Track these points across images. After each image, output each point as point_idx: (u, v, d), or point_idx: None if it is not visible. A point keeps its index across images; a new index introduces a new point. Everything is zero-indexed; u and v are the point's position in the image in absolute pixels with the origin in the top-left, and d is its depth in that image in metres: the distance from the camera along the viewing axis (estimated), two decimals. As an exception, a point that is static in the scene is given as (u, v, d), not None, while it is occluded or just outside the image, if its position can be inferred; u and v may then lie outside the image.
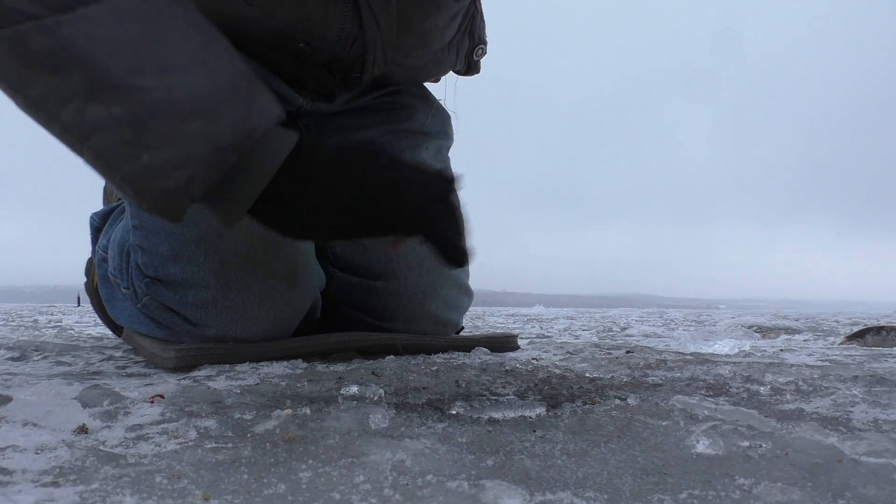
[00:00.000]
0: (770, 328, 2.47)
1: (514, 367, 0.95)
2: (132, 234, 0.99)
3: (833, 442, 0.55)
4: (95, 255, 1.21)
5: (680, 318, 4.24)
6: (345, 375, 0.86)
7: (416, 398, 0.74)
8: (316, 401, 0.70)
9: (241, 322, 0.96)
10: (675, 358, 1.06)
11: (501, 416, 0.66)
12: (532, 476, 0.47)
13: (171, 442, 0.55)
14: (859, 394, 0.76)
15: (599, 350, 1.22)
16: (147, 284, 0.97)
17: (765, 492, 0.43)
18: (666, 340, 1.93)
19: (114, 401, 0.68)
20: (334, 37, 1.02)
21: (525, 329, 2.70)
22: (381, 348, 1.07)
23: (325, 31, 1.01)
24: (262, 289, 0.96)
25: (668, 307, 10.88)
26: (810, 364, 1.02)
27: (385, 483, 0.45)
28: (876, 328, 1.81)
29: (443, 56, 1.16)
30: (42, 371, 0.94)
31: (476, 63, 1.24)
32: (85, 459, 0.49)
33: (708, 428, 0.56)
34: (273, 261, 0.97)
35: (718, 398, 0.75)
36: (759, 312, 5.69)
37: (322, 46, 1.03)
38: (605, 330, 2.70)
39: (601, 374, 0.91)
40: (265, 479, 0.45)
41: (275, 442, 0.55)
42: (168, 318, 0.98)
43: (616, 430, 0.60)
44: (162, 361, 0.95)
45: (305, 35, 1.01)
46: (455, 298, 1.21)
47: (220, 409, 0.67)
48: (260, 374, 0.86)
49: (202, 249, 0.94)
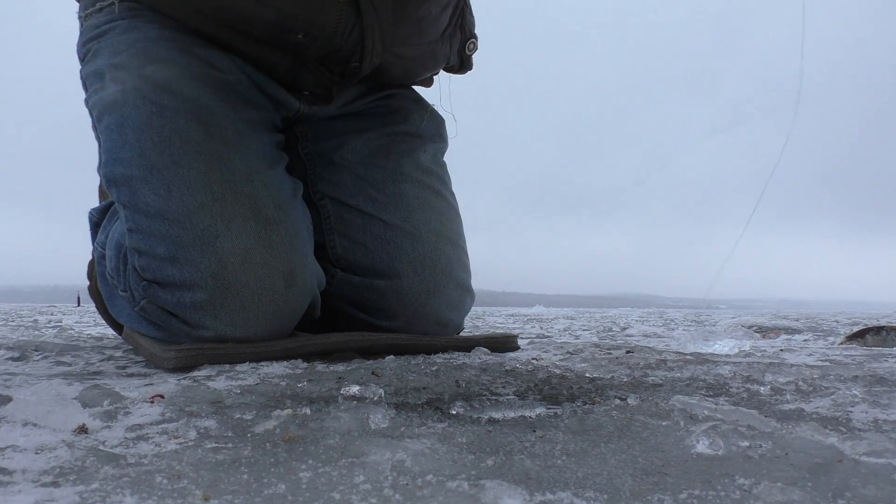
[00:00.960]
0: (770, 328, 2.48)
1: (514, 367, 0.95)
2: (128, 238, 0.99)
3: (833, 442, 0.55)
4: (95, 252, 1.21)
5: (680, 318, 4.24)
6: (345, 375, 0.86)
7: (416, 398, 0.74)
8: (316, 401, 0.70)
9: (239, 322, 0.96)
10: (675, 358, 1.06)
11: (501, 416, 0.66)
12: (532, 476, 0.47)
13: (171, 442, 0.55)
14: (859, 394, 0.76)
15: (599, 350, 1.22)
16: (144, 287, 0.97)
17: (765, 492, 0.43)
18: (666, 340, 1.93)
19: (114, 401, 0.68)
20: (333, 24, 1.03)
21: (525, 329, 2.70)
22: (381, 348, 1.07)
23: (324, 18, 1.02)
24: (260, 289, 0.96)
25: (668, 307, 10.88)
26: (810, 364, 1.02)
27: (385, 483, 0.45)
28: (876, 328, 1.81)
29: (437, 47, 1.18)
30: (42, 371, 0.94)
31: (468, 58, 1.26)
32: (85, 459, 0.49)
33: (708, 428, 0.56)
34: (271, 260, 0.97)
35: (718, 398, 0.75)
36: (759, 312, 5.70)
37: (321, 35, 1.04)
38: (605, 330, 2.70)
39: (601, 374, 0.91)
40: (265, 479, 0.45)
41: (275, 442, 0.55)
42: (166, 321, 0.98)
43: (616, 430, 0.60)
44: (162, 361, 0.94)
45: (305, 25, 1.03)
46: (457, 299, 1.21)
47: (220, 409, 0.67)
48: (260, 374, 0.86)
49: (199, 251, 0.94)
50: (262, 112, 1.11)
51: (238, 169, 0.99)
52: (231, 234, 0.95)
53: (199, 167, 0.96)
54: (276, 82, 1.13)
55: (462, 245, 1.24)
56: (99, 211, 1.22)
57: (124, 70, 1.02)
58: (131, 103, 0.99)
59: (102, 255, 1.13)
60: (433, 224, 1.19)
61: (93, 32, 1.10)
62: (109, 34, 1.08)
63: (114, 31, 1.08)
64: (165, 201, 0.95)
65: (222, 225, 0.95)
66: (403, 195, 1.18)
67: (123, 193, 0.98)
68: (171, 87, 1.00)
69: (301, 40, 1.05)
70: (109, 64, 1.04)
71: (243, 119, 1.06)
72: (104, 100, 1.02)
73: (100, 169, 1.05)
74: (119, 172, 0.99)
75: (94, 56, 1.08)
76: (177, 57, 1.04)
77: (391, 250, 1.15)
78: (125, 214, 0.99)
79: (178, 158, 0.96)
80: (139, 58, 1.03)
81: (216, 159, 0.98)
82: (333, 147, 1.20)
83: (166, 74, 1.01)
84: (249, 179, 1.00)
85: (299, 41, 1.05)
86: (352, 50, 1.08)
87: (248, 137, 1.05)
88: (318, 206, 1.18)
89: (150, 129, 0.97)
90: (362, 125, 1.21)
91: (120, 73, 1.03)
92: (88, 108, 1.09)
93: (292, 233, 1.02)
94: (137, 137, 0.97)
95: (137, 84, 1.00)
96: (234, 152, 1.00)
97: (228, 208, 0.96)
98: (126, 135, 0.98)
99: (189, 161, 0.96)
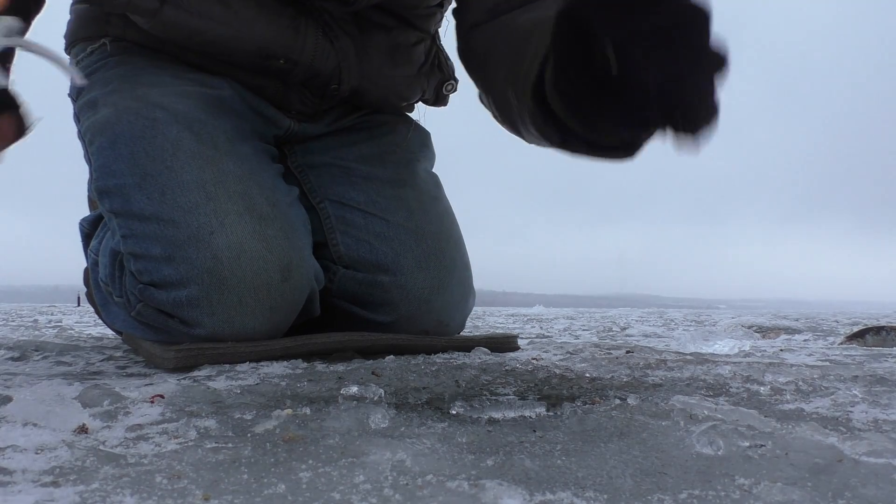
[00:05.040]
0: (770, 328, 2.47)
1: (514, 367, 0.95)
2: (123, 244, 0.99)
3: (833, 442, 0.55)
4: (88, 260, 1.21)
5: (680, 318, 4.24)
6: (345, 375, 0.86)
7: (416, 398, 0.74)
8: (316, 401, 0.70)
9: (236, 318, 0.96)
10: (675, 358, 1.06)
11: (501, 416, 0.66)
12: (532, 476, 0.47)
13: (171, 442, 0.55)
14: (859, 394, 0.76)
15: (599, 350, 1.22)
16: (141, 290, 0.98)
17: (765, 492, 0.43)
18: (666, 340, 1.93)
19: (114, 401, 0.68)
20: (311, 50, 1.10)
21: (525, 329, 2.70)
22: (382, 348, 1.07)
23: (302, 44, 1.09)
24: (257, 283, 0.96)
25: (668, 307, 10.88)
26: (810, 364, 1.02)
27: (385, 483, 0.45)
28: (876, 328, 1.81)
29: (414, 81, 1.26)
30: (42, 371, 0.94)
31: (444, 97, 1.35)
32: (85, 459, 0.49)
33: (708, 428, 0.56)
34: (266, 254, 0.97)
35: (718, 398, 0.75)
36: (759, 312, 5.69)
37: (301, 61, 1.11)
38: (605, 330, 2.70)
39: (601, 374, 0.91)
40: (265, 479, 0.45)
41: (275, 442, 0.55)
42: (162, 322, 0.98)
43: (616, 430, 0.60)
44: (162, 362, 0.94)
45: (284, 51, 1.10)
46: (460, 297, 1.21)
47: (220, 409, 0.67)
48: (260, 374, 0.86)
49: (194, 248, 0.94)
50: (253, 124, 1.14)
51: (231, 171, 1.01)
52: (225, 230, 0.95)
53: (192, 170, 0.98)
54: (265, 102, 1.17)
55: (463, 247, 1.26)
56: (89, 222, 1.23)
57: (116, 94, 1.06)
58: (124, 120, 1.01)
59: (95, 262, 1.13)
60: (435, 225, 1.20)
61: (85, 71, 1.14)
62: (101, 70, 1.13)
63: (105, 66, 1.13)
64: (159, 204, 0.96)
65: (216, 222, 0.95)
66: (404, 198, 1.20)
67: (116, 202, 1.00)
68: (163, 104, 1.03)
69: (283, 66, 1.11)
70: (102, 93, 1.08)
71: (235, 128, 1.09)
72: (97, 122, 1.05)
73: (91, 184, 1.07)
74: (112, 183, 1.00)
75: (86, 91, 1.12)
76: (168, 80, 1.08)
77: (395, 246, 1.15)
78: (118, 223, 1.00)
79: (172, 164, 0.98)
80: (131, 83, 1.07)
81: (208, 162, 1.00)
82: (328, 158, 1.23)
83: (158, 93, 1.05)
84: (242, 179, 1.01)
85: (282, 66, 1.11)
86: (330, 74, 1.15)
87: (240, 144, 1.08)
88: (317, 210, 1.19)
89: (142, 140, 1.00)
90: (352, 138, 1.26)
91: (112, 97, 1.06)
92: (81, 135, 1.13)
93: (287, 227, 1.03)
94: (130, 150, 0.99)
95: (130, 104, 1.03)
96: (226, 156, 1.03)
97: (222, 206, 0.97)
98: (119, 149, 1.00)
99: (182, 165, 0.98)
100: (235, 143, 1.06)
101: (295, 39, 1.09)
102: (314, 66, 1.12)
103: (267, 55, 1.09)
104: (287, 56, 1.09)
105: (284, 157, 1.23)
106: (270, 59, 1.09)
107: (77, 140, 1.16)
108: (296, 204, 1.12)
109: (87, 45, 1.16)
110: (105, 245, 1.09)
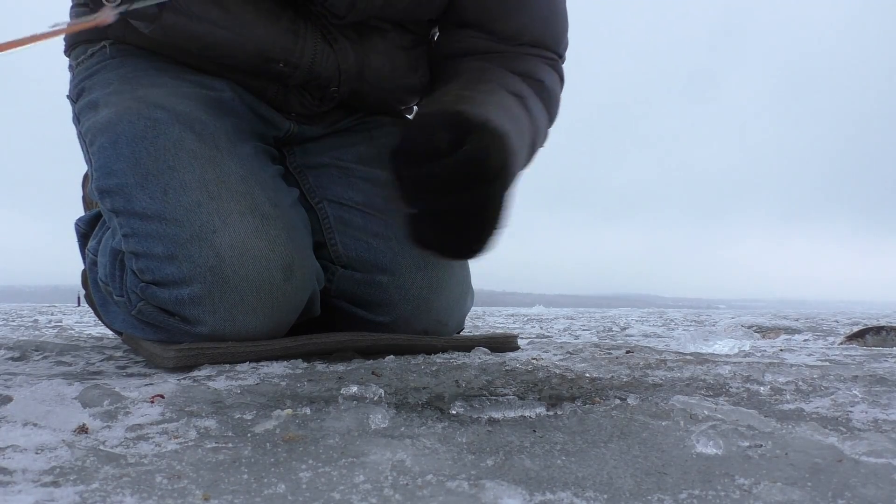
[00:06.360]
0: (770, 328, 2.47)
1: (514, 367, 0.95)
2: (124, 243, 0.99)
3: (833, 442, 0.55)
4: (86, 260, 1.21)
5: (680, 318, 4.24)
6: (345, 375, 0.86)
7: (416, 398, 0.74)
8: (316, 401, 0.70)
9: (238, 316, 0.96)
10: (675, 358, 1.06)
11: (501, 416, 0.66)
12: (532, 476, 0.47)
13: (171, 442, 0.55)
14: (859, 394, 0.76)
15: (599, 350, 1.22)
16: (142, 289, 0.98)
17: (765, 492, 0.43)
18: (666, 340, 1.93)
19: (114, 401, 0.68)
20: (310, 53, 1.11)
21: (525, 329, 2.70)
22: (382, 348, 1.07)
23: (302, 47, 1.10)
24: (259, 282, 0.96)
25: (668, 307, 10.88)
26: (810, 364, 1.02)
27: (385, 483, 0.45)
28: (876, 328, 1.81)
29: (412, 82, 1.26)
30: (42, 371, 0.94)
31: None
32: (85, 459, 0.49)
33: (708, 428, 0.56)
34: (269, 253, 0.98)
35: (718, 398, 0.75)
36: (759, 312, 5.69)
37: (301, 64, 1.11)
38: (605, 330, 2.70)
39: (601, 374, 0.91)
40: (265, 479, 0.45)
41: (275, 442, 0.55)
42: (163, 320, 0.98)
43: (616, 430, 0.60)
44: (162, 361, 0.95)
45: (283, 54, 1.10)
46: (458, 296, 1.21)
47: (220, 409, 0.67)
48: (260, 374, 0.86)
49: (197, 246, 0.94)
50: (253, 126, 1.15)
51: (233, 171, 1.01)
52: (228, 229, 0.96)
53: (195, 170, 0.98)
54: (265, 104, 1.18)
55: None
56: (85, 222, 1.23)
57: (117, 95, 1.06)
58: (125, 121, 1.01)
59: (94, 261, 1.13)
60: None
61: (85, 73, 1.15)
62: (101, 72, 1.13)
63: (105, 68, 1.13)
64: (162, 203, 0.96)
65: (219, 221, 0.96)
66: None
67: (118, 201, 0.99)
68: (164, 105, 1.03)
69: (283, 69, 1.11)
70: (102, 94, 1.08)
71: (235, 129, 1.09)
72: (98, 123, 1.05)
73: (91, 184, 1.07)
74: (113, 182, 1.00)
75: (87, 93, 1.12)
76: (168, 81, 1.09)
77: (393, 246, 1.15)
78: (119, 221, 1.00)
79: (174, 164, 0.98)
80: (131, 84, 1.07)
81: (210, 163, 1.00)
82: (327, 159, 1.23)
83: (159, 93, 1.05)
84: (244, 179, 1.02)
85: (282, 69, 1.11)
86: (330, 76, 1.15)
87: (241, 145, 1.08)
88: (316, 210, 1.19)
89: (144, 140, 1.00)
90: (351, 139, 1.27)
91: (113, 97, 1.06)
92: (81, 136, 1.13)
93: (290, 227, 1.03)
94: (132, 149, 0.99)
95: (131, 105, 1.03)
96: (228, 157, 1.03)
97: (225, 206, 0.97)
98: (120, 149, 1.00)
99: (184, 165, 0.98)
100: (236, 143, 1.07)
101: (295, 43, 1.09)
102: (314, 69, 1.12)
103: (267, 58, 1.09)
104: (287, 59, 1.10)
105: (283, 158, 1.23)
106: (270, 62, 1.10)
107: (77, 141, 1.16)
108: (297, 204, 1.13)
109: (88, 48, 1.17)
110: (104, 244, 1.09)
